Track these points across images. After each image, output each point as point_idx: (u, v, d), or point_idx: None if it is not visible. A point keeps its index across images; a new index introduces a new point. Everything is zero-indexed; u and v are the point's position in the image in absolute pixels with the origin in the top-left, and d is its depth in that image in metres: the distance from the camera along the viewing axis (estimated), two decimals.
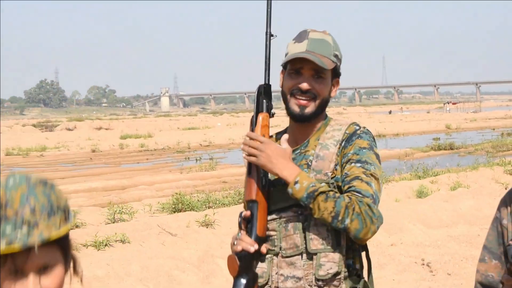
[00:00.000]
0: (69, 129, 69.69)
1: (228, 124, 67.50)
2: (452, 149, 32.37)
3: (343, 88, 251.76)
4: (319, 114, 2.99)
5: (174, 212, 12.34)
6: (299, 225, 2.89)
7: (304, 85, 2.91)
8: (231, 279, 8.77)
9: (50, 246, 1.74)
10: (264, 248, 2.89)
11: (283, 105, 3.03)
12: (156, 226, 11.15)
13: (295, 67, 2.94)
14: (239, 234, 2.94)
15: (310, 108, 2.94)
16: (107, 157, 36.44)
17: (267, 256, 2.95)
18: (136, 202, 15.49)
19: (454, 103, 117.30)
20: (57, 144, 43.88)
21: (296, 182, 2.76)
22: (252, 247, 2.85)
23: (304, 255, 2.87)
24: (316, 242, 2.85)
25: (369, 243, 2.96)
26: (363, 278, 2.95)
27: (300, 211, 2.88)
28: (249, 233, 2.90)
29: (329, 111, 3.12)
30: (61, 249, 1.79)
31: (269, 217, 2.95)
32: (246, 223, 2.93)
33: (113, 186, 22.26)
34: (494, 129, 51.08)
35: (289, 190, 2.77)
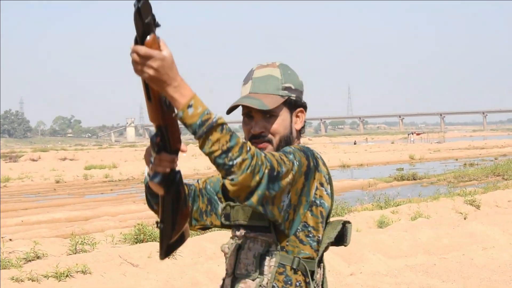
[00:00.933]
0: (33, 160, 69.29)
1: (194, 155, 67.32)
2: (415, 179, 32.63)
3: (309, 119, 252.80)
4: None
5: (136, 242, 12.37)
6: (235, 247, 2.84)
7: (255, 130, 2.82)
8: None
9: None
10: (184, 147, 2.54)
11: None
12: (117, 256, 11.19)
13: (244, 111, 2.86)
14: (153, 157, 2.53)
15: (268, 150, 2.80)
16: (71, 187, 36.28)
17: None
18: (99, 232, 15.46)
19: (418, 134, 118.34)
20: (21, 175, 43.59)
21: (189, 106, 2.32)
22: (175, 163, 2.59)
23: (231, 279, 2.83)
24: (241, 267, 2.79)
25: (328, 274, 2.91)
26: None
27: (243, 232, 2.83)
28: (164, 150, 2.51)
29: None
30: None
31: (232, 233, 2.93)
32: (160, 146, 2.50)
33: (76, 217, 22.17)
34: (457, 159, 51.69)
35: (179, 113, 2.32)
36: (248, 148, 2.39)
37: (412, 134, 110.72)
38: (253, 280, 2.72)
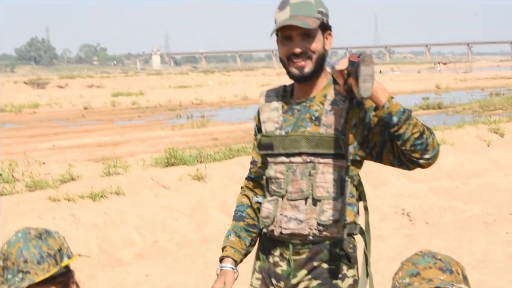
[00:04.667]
0: (60, 87, 69.63)
1: (220, 83, 67.52)
2: (440, 108, 32.56)
3: (334, 48, 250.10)
4: (319, 69, 3.14)
5: (167, 166, 12.63)
6: (307, 171, 3.08)
7: (297, 50, 3.07)
8: (223, 228, 9.27)
9: (45, 285, 2.52)
10: None
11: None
12: (149, 179, 11.53)
13: (284, 34, 3.09)
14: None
15: (308, 67, 3.09)
16: (100, 114, 36.68)
17: (272, 197, 3.18)
18: (130, 157, 15.77)
19: (445, 64, 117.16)
20: (49, 102, 44.05)
21: (392, 97, 2.90)
22: None
23: (309, 200, 3.08)
24: (321, 190, 3.06)
25: None
26: (359, 224, 3.17)
27: (310, 159, 3.08)
28: None
29: None
30: (59, 284, 2.57)
31: (278, 159, 3.17)
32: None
33: (107, 142, 22.59)
34: (483, 89, 51.25)
35: (386, 103, 2.88)
36: (426, 126, 2.94)
37: (439, 63, 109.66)
38: (336, 200, 3.07)
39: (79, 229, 8.61)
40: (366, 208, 3.20)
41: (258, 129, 3.32)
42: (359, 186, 3.17)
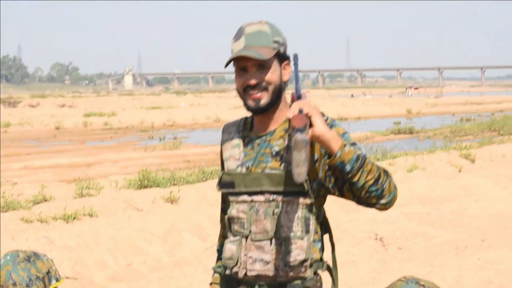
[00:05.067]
0: (32, 106, 69.32)
1: (192, 104, 67.51)
2: (411, 133, 32.88)
3: (307, 71, 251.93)
4: (276, 101, 3.05)
5: (140, 188, 12.63)
6: (270, 210, 2.98)
7: (252, 81, 2.99)
8: (195, 251, 9.26)
9: None
10: None
11: None
12: (122, 201, 11.51)
13: (239, 65, 3.02)
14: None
15: (265, 99, 3.00)
16: (71, 134, 36.55)
17: (235, 238, 3.07)
18: (102, 178, 15.74)
19: (416, 88, 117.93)
20: (21, 121, 43.79)
21: (345, 145, 2.78)
22: None
23: (274, 241, 2.97)
24: (286, 229, 2.95)
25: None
26: (325, 262, 3.09)
27: (272, 197, 2.98)
28: None
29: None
30: None
31: (240, 198, 3.06)
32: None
33: (79, 163, 22.52)
34: (454, 114, 51.77)
35: (338, 152, 2.76)
36: (383, 169, 2.83)
37: (410, 88, 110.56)
38: (301, 239, 2.97)
39: (53, 251, 8.57)
40: (332, 244, 3.14)
41: (222, 165, 3.22)
42: (323, 221, 3.10)
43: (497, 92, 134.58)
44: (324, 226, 3.10)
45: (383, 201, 2.85)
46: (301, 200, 2.97)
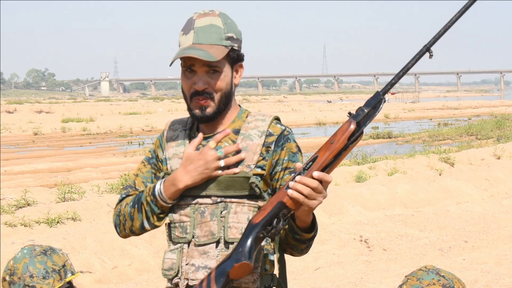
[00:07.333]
0: (9, 112, 68.89)
1: (170, 110, 67.36)
2: (390, 137, 33.04)
3: (283, 76, 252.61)
4: (224, 109, 2.78)
5: None
6: (218, 211, 2.70)
7: (199, 86, 2.72)
8: None
9: None
10: None
11: None
12: (105, 205, 11.56)
13: (186, 64, 2.74)
14: None
15: (211, 108, 2.74)
16: (50, 140, 36.46)
17: (176, 246, 2.75)
18: (83, 183, 15.74)
19: (393, 93, 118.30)
20: None
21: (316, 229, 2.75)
22: None
23: (220, 244, 2.68)
24: (234, 231, 2.67)
25: None
26: (275, 275, 2.78)
27: (220, 199, 2.71)
28: None
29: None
30: None
31: (182, 202, 2.75)
32: None
33: (59, 168, 22.45)
34: (431, 119, 52.09)
35: (304, 229, 2.67)
36: (313, 239, 2.74)
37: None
38: None
39: None
40: (282, 256, 2.81)
41: (159, 160, 2.91)
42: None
43: (473, 97, 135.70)
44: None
45: (296, 256, 2.83)
46: (253, 201, 2.73)
